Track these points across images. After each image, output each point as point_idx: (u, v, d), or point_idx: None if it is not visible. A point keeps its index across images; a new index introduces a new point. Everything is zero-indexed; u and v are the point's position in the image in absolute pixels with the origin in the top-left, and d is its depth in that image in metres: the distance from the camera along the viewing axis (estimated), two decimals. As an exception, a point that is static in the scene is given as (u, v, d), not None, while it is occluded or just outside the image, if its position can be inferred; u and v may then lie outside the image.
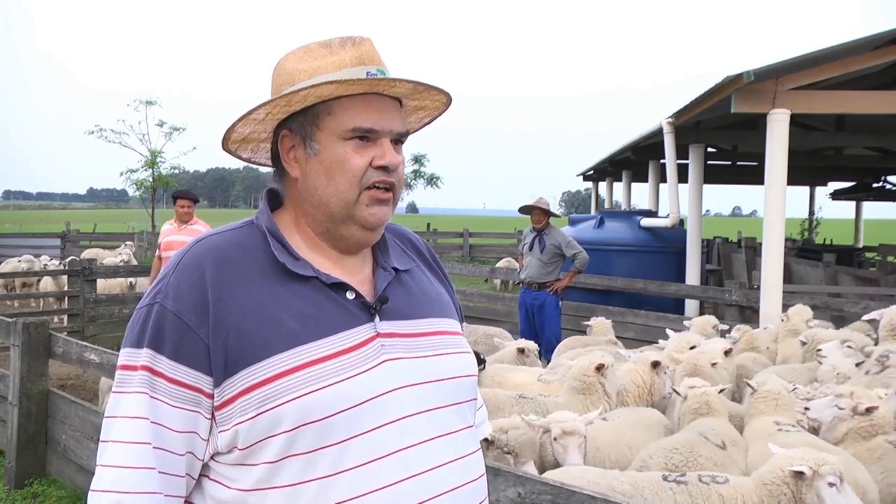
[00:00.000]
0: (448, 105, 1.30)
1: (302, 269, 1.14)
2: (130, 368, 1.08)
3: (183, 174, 27.54)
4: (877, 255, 15.65)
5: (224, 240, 1.16)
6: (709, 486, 2.61)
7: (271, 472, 1.05)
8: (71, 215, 54.78)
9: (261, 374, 1.05)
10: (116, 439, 1.06)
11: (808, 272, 10.99)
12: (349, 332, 1.12)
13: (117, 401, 1.08)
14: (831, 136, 9.67)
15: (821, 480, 2.53)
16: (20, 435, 4.40)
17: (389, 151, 1.16)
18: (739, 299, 7.45)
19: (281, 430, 1.04)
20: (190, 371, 1.06)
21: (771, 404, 3.51)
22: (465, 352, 1.26)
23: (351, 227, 1.17)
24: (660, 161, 11.29)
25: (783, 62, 6.00)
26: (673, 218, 8.78)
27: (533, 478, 2.20)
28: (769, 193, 6.29)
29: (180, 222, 6.84)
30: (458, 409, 1.19)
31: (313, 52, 1.18)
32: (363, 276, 1.22)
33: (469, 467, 1.18)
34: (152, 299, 1.10)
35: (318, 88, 1.11)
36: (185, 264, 1.12)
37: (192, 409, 1.07)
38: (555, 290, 6.71)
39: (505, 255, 18.49)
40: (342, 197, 1.15)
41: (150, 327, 1.07)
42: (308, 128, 1.16)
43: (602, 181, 17.82)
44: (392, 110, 1.19)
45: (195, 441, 1.08)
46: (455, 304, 1.36)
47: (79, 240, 21.18)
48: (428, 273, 1.34)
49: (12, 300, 11.43)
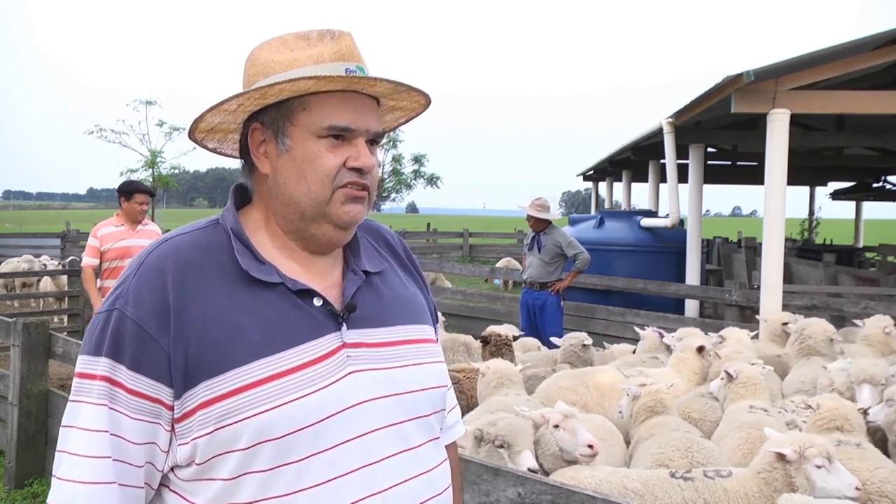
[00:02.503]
0: (426, 107, 1.26)
1: (267, 274, 1.09)
2: (89, 377, 1.04)
3: (183, 174, 27.54)
4: (877, 255, 15.64)
5: (187, 241, 1.11)
6: (714, 480, 2.62)
7: (228, 489, 1.02)
8: (71, 215, 54.75)
9: (220, 388, 1.01)
10: (75, 452, 1.02)
11: (808, 272, 10.99)
12: (314, 343, 1.08)
13: (76, 410, 1.04)
14: (831, 136, 9.66)
15: (808, 463, 2.53)
16: (20, 435, 4.40)
17: (364, 153, 1.12)
18: (739, 299, 7.45)
19: (238, 448, 1.01)
20: (150, 382, 1.02)
21: (750, 389, 3.65)
22: (436, 361, 1.23)
23: (323, 225, 1.12)
24: (660, 161, 11.29)
25: (783, 62, 6.00)
26: (673, 218, 8.77)
27: (533, 478, 2.20)
28: (769, 193, 6.28)
29: (132, 222, 5.59)
30: (423, 421, 1.16)
31: (290, 44, 1.13)
32: (332, 280, 1.17)
33: (434, 481, 1.16)
34: (111, 305, 1.05)
35: (295, 83, 1.07)
36: (147, 268, 1.07)
37: (152, 421, 1.03)
38: (556, 290, 6.71)
39: (505, 255, 18.51)
40: (313, 196, 1.10)
41: (109, 335, 1.03)
42: (281, 122, 1.11)
43: (602, 181, 17.81)
44: (369, 109, 1.15)
45: (155, 452, 1.05)
46: (430, 305, 1.32)
47: (79, 240, 21.12)
48: (401, 273, 1.29)
49: (12, 300, 11.43)
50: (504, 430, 2.82)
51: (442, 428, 1.27)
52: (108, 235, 5.50)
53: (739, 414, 3.49)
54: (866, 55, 6.27)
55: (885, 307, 6.74)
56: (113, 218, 5.67)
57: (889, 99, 6.43)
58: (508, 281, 15.08)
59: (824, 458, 2.54)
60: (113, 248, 5.44)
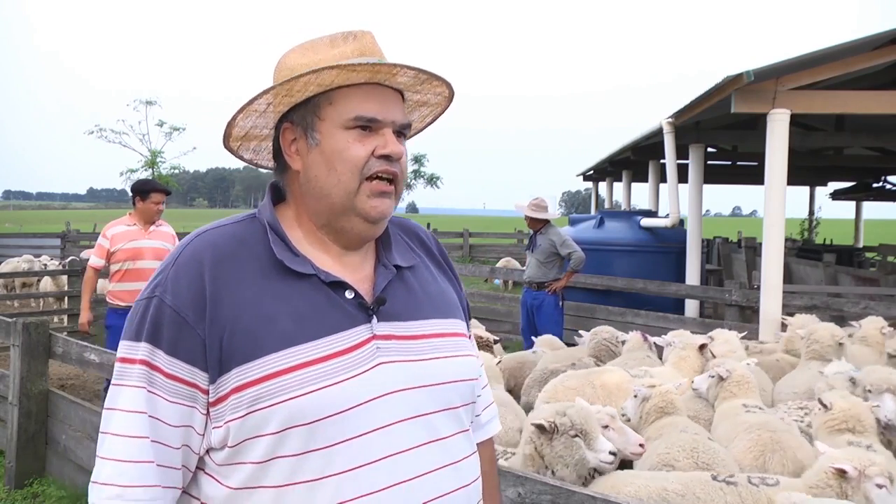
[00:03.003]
0: (450, 100, 1.28)
1: (301, 266, 1.13)
2: (129, 361, 1.08)
3: (183, 174, 27.54)
4: (877, 255, 15.65)
5: (224, 234, 1.15)
6: (758, 487, 2.53)
7: (258, 472, 1.05)
8: (71, 215, 54.78)
9: (253, 374, 1.04)
10: (116, 432, 1.06)
11: (808, 272, 10.99)
12: (345, 334, 1.10)
13: (116, 393, 1.08)
14: (831, 136, 9.66)
15: (868, 482, 2.44)
16: (20, 435, 4.40)
17: (392, 141, 1.14)
18: (739, 299, 7.45)
19: (268, 432, 1.04)
20: (186, 367, 1.06)
21: (743, 388, 3.66)
22: (466, 355, 1.24)
23: (352, 219, 1.15)
24: (660, 161, 11.29)
25: (783, 62, 5.99)
26: (673, 218, 8.77)
27: (533, 477, 2.20)
28: (769, 193, 6.28)
29: (146, 223, 5.26)
30: (452, 413, 1.18)
31: (314, 47, 1.17)
32: (364, 273, 1.20)
33: (462, 472, 1.17)
34: (151, 292, 1.10)
35: (319, 75, 1.10)
36: (185, 258, 1.11)
37: (188, 405, 1.07)
38: (553, 290, 6.71)
39: (505, 255, 18.51)
40: (343, 187, 1.13)
41: (149, 321, 1.07)
42: (309, 118, 1.15)
43: (602, 181, 17.81)
44: (394, 101, 1.18)
45: (191, 435, 1.08)
46: (462, 301, 1.34)
47: (79, 240, 21.16)
48: (434, 269, 1.31)
49: (12, 300, 11.43)
50: (579, 418, 2.72)
51: (472, 421, 1.29)
52: (120, 235, 5.16)
53: (739, 414, 3.48)
54: (866, 55, 6.27)
55: (885, 307, 6.75)
56: (125, 217, 5.32)
57: (889, 99, 6.43)
58: (508, 281, 15.09)
59: (886, 478, 2.45)
60: (123, 249, 5.12)
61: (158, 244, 5.23)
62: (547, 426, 2.67)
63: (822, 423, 3.17)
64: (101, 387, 6.78)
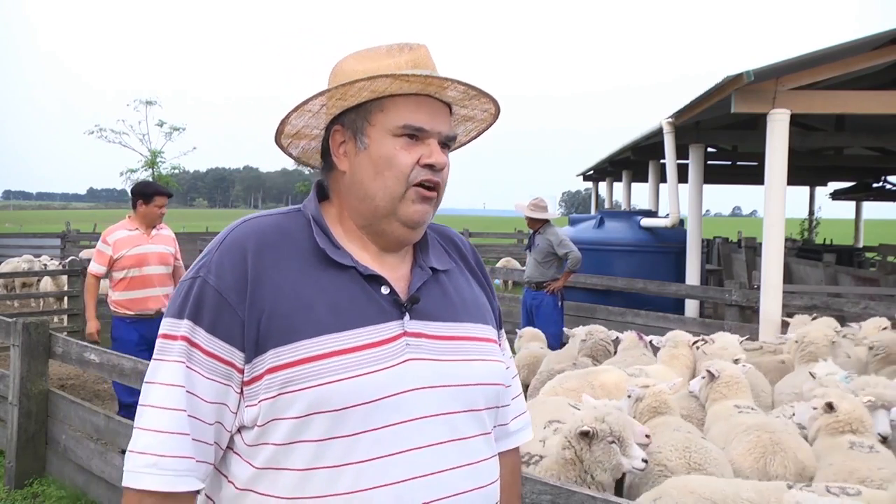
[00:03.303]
0: (496, 118, 1.32)
1: (341, 257, 1.17)
2: (170, 338, 1.12)
3: (183, 174, 27.54)
4: (877, 255, 15.65)
5: (269, 223, 1.20)
6: (839, 497, 2.45)
7: (280, 454, 1.08)
8: (71, 215, 54.78)
9: (286, 357, 1.08)
10: (154, 404, 1.10)
11: (808, 272, 11.00)
12: (377, 327, 1.14)
13: (156, 367, 1.12)
14: (831, 136, 9.66)
15: None
16: (20, 435, 4.40)
17: (437, 151, 1.18)
18: (739, 299, 7.45)
19: (290, 415, 1.07)
20: (224, 345, 1.10)
21: (733, 388, 3.67)
22: (495, 360, 1.26)
23: (393, 223, 1.19)
24: (660, 161, 11.29)
25: (783, 62, 5.99)
26: (673, 218, 8.77)
27: (533, 478, 2.20)
28: (769, 193, 6.28)
29: (148, 227, 5.01)
30: (475, 415, 1.21)
31: (372, 55, 1.21)
32: (400, 273, 1.23)
33: (480, 473, 1.19)
34: (196, 273, 1.14)
35: (374, 82, 1.14)
36: (230, 243, 1.16)
37: (224, 382, 1.11)
38: (551, 290, 6.72)
39: (505, 255, 18.50)
40: (388, 192, 1.17)
41: (192, 300, 1.12)
42: (359, 123, 1.19)
43: (602, 181, 17.80)
44: (442, 114, 1.22)
45: (224, 413, 1.12)
46: (495, 309, 1.36)
47: (79, 240, 21.16)
48: (468, 276, 1.35)
49: (12, 300, 11.43)
50: (617, 425, 2.78)
51: (498, 428, 1.31)
52: (123, 241, 4.90)
53: (733, 415, 3.46)
54: (866, 55, 6.27)
55: (885, 307, 6.74)
56: (125, 221, 5.05)
57: (889, 99, 6.42)
58: (508, 281, 15.08)
59: None
60: (128, 256, 4.86)
61: (162, 248, 5.03)
62: (590, 432, 2.73)
63: (825, 425, 3.15)
64: (101, 387, 6.78)
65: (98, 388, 6.82)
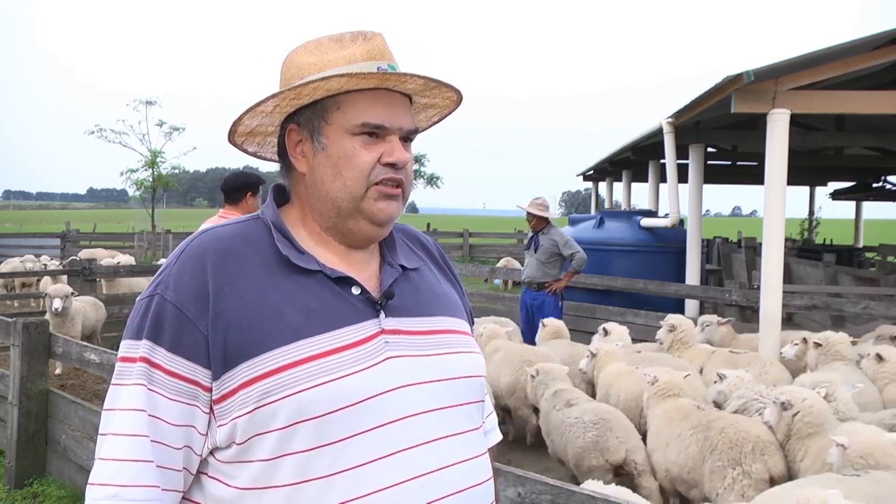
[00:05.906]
0: (458, 104, 1.28)
1: (306, 262, 1.13)
2: (129, 360, 1.06)
3: (183, 174, 27.55)
4: (877, 255, 15.63)
5: (227, 232, 1.15)
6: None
7: (268, 470, 1.03)
8: (71, 215, 54.75)
9: (262, 367, 1.03)
10: (114, 432, 1.04)
11: (808, 272, 10.99)
12: (353, 328, 1.10)
13: (116, 393, 1.07)
14: (831, 136, 9.64)
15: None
16: (20, 435, 4.40)
17: (398, 148, 1.14)
18: (739, 299, 7.45)
19: (275, 427, 1.02)
20: (188, 363, 1.05)
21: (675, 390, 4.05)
22: (474, 352, 1.24)
23: (359, 221, 1.16)
24: (660, 161, 11.27)
25: (783, 62, 5.98)
26: (673, 218, 8.76)
27: (533, 477, 2.20)
28: (769, 193, 6.27)
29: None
30: (465, 409, 1.18)
31: (324, 46, 1.17)
32: (370, 271, 1.20)
33: (478, 469, 1.17)
34: (153, 290, 1.09)
35: (328, 81, 1.10)
36: (187, 255, 1.11)
37: (189, 403, 1.05)
38: (553, 290, 6.71)
39: (505, 255, 18.50)
40: (349, 192, 1.14)
41: (150, 318, 1.06)
42: (316, 122, 1.15)
43: (602, 181, 17.78)
44: (402, 107, 1.18)
45: (192, 435, 1.06)
46: (465, 305, 1.34)
47: (79, 240, 21.18)
48: (437, 272, 1.32)
49: (12, 300, 11.43)
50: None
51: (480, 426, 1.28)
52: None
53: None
54: (866, 55, 6.26)
55: (885, 307, 6.75)
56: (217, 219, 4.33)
57: (889, 99, 6.42)
58: (508, 281, 15.09)
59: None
60: None
61: None
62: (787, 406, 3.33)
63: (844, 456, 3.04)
64: (101, 387, 6.78)
65: (98, 388, 6.82)
